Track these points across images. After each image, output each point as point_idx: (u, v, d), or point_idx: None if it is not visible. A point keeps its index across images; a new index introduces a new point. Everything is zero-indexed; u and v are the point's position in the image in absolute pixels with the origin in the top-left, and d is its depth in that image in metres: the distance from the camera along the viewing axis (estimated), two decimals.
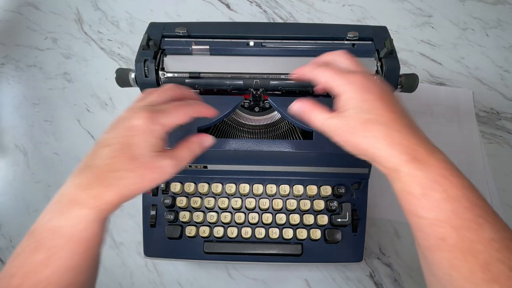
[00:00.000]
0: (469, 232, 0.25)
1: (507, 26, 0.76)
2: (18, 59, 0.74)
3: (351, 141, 0.32)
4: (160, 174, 0.32)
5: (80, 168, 0.32)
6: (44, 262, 0.28)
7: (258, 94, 0.51)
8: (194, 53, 0.53)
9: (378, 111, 0.30)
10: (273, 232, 0.49)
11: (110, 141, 0.32)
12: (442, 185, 0.27)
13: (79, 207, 0.30)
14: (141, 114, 0.32)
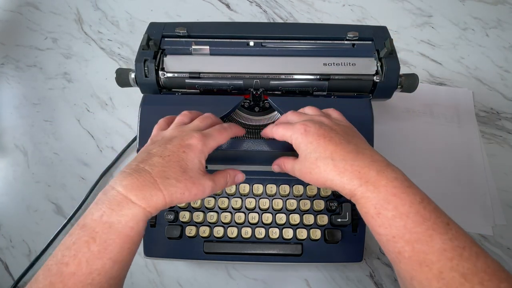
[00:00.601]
0: (422, 245, 0.28)
1: (507, 26, 0.76)
2: (18, 59, 0.74)
3: (312, 178, 0.36)
4: (201, 191, 0.36)
5: (128, 172, 0.34)
6: (97, 254, 0.31)
7: (258, 94, 0.51)
8: (194, 53, 0.53)
9: (321, 148, 0.35)
10: (273, 232, 0.49)
11: (163, 152, 0.35)
12: (392, 204, 0.30)
13: (131, 206, 0.32)
14: (196, 135, 0.37)
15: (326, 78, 0.50)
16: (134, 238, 0.33)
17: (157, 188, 0.33)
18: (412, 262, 0.28)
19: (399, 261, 0.29)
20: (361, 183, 0.32)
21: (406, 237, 0.28)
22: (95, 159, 0.65)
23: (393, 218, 0.29)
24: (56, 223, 0.59)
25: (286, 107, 0.48)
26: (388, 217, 0.30)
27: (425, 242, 0.28)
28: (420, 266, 0.27)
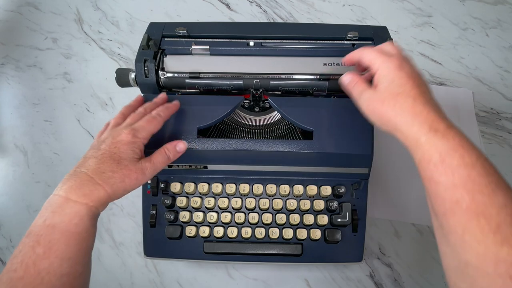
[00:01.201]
0: (483, 196, 0.27)
1: (507, 26, 0.76)
2: (18, 59, 0.74)
3: (379, 111, 0.35)
4: (141, 174, 0.39)
5: (67, 178, 0.37)
6: (43, 255, 0.32)
7: (258, 94, 0.51)
8: (194, 53, 0.53)
9: (407, 87, 0.34)
10: (273, 232, 0.49)
11: (97, 153, 0.38)
12: (459, 153, 0.29)
13: (72, 205, 0.35)
14: (125, 131, 0.40)
15: (326, 78, 0.50)
16: (81, 234, 0.34)
17: (95, 183, 0.36)
18: (469, 213, 0.27)
19: (454, 213, 0.28)
20: (430, 130, 0.31)
21: (468, 186, 0.27)
22: None
23: (457, 166, 0.28)
24: None
25: (286, 107, 0.49)
26: (453, 165, 0.28)
27: (487, 194, 0.27)
28: (477, 218, 0.26)
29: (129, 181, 0.38)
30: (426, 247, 0.58)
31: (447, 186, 0.28)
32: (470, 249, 0.26)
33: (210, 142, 0.48)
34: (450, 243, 0.29)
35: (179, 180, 0.51)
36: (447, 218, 0.28)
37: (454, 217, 0.28)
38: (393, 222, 0.59)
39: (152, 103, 0.46)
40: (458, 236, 0.27)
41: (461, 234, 0.27)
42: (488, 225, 0.26)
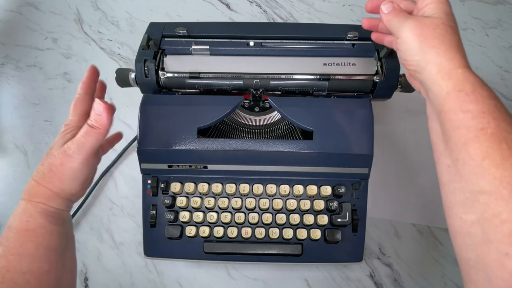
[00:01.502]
0: (507, 125, 0.28)
1: (507, 26, 0.76)
2: (18, 59, 0.74)
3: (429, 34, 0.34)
4: (64, 156, 0.38)
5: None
6: (2, 253, 0.34)
7: (258, 94, 0.51)
8: (194, 53, 0.53)
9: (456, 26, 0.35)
10: (273, 232, 0.49)
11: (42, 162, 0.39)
12: (487, 87, 0.31)
13: (20, 204, 0.38)
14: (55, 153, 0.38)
15: (326, 78, 0.50)
16: (36, 231, 0.36)
17: (35, 182, 0.38)
18: (493, 140, 0.28)
19: (477, 139, 0.28)
20: (461, 66, 0.32)
21: (495, 114, 0.29)
22: None
23: (487, 97, 0.30)
24: None
25: (286, 107, 0.49)
26: (483, 95, 0.30)
27: (509, 122, 0.28)
28: (499, 144, 0.27)
29: (57, 168, 0.37)
30: (426, 247, 0.58)
31: (476, 113, 0.29)
32: (488, 175, 0.27)
33: (210, 142, 0.48)
34: (464, 174, 0.29)
35: (179, 180, 0.51)
36: (467, 147, 0.29)
37: (475, 144, 0.28)
38: (393, 222, 0.59)
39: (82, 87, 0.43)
40: (476, 163, 0.28)
41: (480, 161, 0.28)
42: (509, 150, 0.27)
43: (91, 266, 0.58)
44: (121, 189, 0.63)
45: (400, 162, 0.62)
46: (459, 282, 0.56)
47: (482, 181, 0.27)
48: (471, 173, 0.28)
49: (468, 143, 0.29)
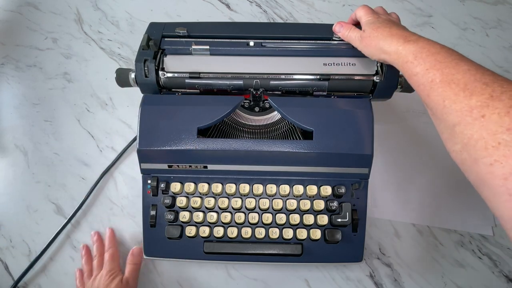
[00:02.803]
0: (450, 69, 0.34)
1: (507, 26, 0.76)
2: (18, 59, 0.74)
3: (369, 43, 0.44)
4: None
5: None
6: None
7: (258, 94, 0.51)
8: (194, 53, 0.53)
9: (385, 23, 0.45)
10: (273, 232, 0.49)
11: None
12: (426, 48, 0.38)
13: None
14: None
15: (326, 78, 0.50)
16: None
17: None
18: (443, 85, 0.34)
19: (433, 89, 0.35)
20: (405, 42, 0.40)
21: (437, 66, 0.35)
22: (95, 159, 0.65)
23: (426, 56, 0.37)
24: (56, 223, 0.59)
25: (286, 107, 0.49)
26: (423, 57, 0.37)
27: (452, 67, 0.34)
28: (449, 85, 0.33)
29: None
30: (426, 247, 0.58)
31: (422, 72, 0.36)
32: (452, 111, 0.32)
33: (210, 142, 0.48)
34: (439, 117, 0.34)
35: (179, 180, 0.51)
36: (431, 97, 0.35)
37: (434, 93, 0.35)
38: (393, 222, 0.59)
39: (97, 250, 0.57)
40: (441, 106, 0.33)
41: (442, 103, 0.33)
42: (458, 87, 0.32)
43: None
44: (121, 189, 0.63)
45: (400, 162, 0.62)
46: (459, 282, 0.56)
47: (450, 117, 0.32)
48: (442, 114, 0.34)
49: (430, 95, 0.35)
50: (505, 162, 0.27)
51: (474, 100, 0.31)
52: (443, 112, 0.33)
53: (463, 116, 0.31)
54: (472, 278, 0.56)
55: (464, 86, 0.32)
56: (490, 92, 0.30)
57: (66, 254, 0.59)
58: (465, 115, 0.31)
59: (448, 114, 0.33)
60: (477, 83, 0.32)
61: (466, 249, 0.57)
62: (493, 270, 0.56)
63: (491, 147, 0.28)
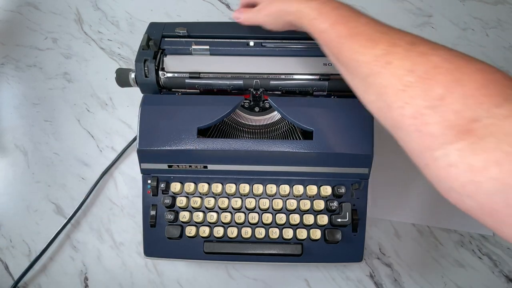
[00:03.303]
0: (353, 22, 0.35)
1: (507, 26, 0.76)
2: (18, 59, 0.74)
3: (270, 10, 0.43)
4: None
5: None
6: None
7: (258, 94, 0.51)
8: (194, 53, 0.53)
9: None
10: (273, 232, 0.49)
11: None
12: (326, 3, 0.37)
13: None
14: None
15: (326, 78, 0.50)
16: None
17: None
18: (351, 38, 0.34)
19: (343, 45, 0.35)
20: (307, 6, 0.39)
21: (342, 20, 0.36)
22: (95, 159, 0.65)
23: (329, 12, 0.37)
24: (56, 223, 0.59)
25: (286, 107, 0.49)
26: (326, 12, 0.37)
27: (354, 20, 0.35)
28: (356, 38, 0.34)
29: None
30: (426, 247, 0.58)
31: (329, 28, 0.36)
32: (362, 63, 0.33)
33: (210, 142, 0.48)
34: (352, 71, 0.35)
35: (179, 180, 0.51)
36: (342, 53, 0.35)
37: (344, 48, 0.35)
38: (393, 222, 0.59)
39: None
40: (352, 60, 0.34)
41: (353, 57, 0.34)
42: (363, 39, 0.33)
43: (91, 266, 0.58)
44: (121, 189, 0.63)
45: (400, 162, 0.62)
46: (459, 282, 0.56)
47: (362, 69, 0.33)
48: (355, 68, 0.34)
49: (341, 50, 0.35)
50: (412, 103, 0.29)
51: (379, 49, 0.32)
52: (356, 66, 0.34)
53: (372, 66, 0.32)
54: (472, 278, 0.56)
55: (368, 37, 0.33)
56: (389, 40, 0.32)
57: (66, 254, 0.59)
58: (374, 65, 0.32)
59: (359, 67, 0.33)
60: (378, 33, 0.33)
61: (466, 249, 0.57)
62: (493, 270, 0.56)
63: (399, 91, 0.30)
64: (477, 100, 0.27)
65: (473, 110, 0.26)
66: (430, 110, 0.28)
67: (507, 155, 0.24)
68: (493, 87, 0.27)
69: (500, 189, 0.24)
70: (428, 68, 0.29)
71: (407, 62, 0.30)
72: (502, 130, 0.25)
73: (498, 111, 0.26)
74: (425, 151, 0.30)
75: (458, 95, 0.27)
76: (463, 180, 0.27)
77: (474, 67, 0.28)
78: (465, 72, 0.28)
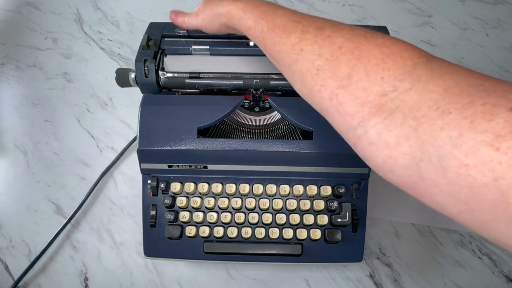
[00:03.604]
0: (271, 16, 0.36)
1: (507, 26, 0.76)
2: (18, 59, 0.74)
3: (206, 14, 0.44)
4: None
5: None
6: None
7: (258, 94, 0.51)
8: (194, 53, 0.53)
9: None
10: (273, 232, 0.49)
11: None
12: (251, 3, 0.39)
13: None
14: None
15: None
16: None
17: None
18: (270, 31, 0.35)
19: (266, 39, 0.36)
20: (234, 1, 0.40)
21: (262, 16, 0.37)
22: (95, 159, 0.65)
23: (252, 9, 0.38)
24: (56, 223, 0.59)
25: (286, 107, 0.49)
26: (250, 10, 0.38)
27: (272, 13, 0.37)
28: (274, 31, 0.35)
29: None
30: (426, 247, 0.58)
31: (254, 25, 0.37)
32: (283, 53, 0.34)
33: (210, 142, 0.48)
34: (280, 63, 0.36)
35: (179, 180, 0.51)
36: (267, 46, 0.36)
37: (267, 41, 0.36)
38: (393, 222, 0.59)
39: None
40: (276, 52, 0.35)
41: (275, 49, 0.35)
42: (280, 30, 0.35)
43: (91, 266, 0.58)
44: (121, 189, 0.63)
45: None
46: (459, 282, 0.56)
47: (284, 59, 0.34)
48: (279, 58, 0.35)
49: (265, 44, 0.37)
50: (326, 85, 0.30)
51: (292, 38, 0.33)
52: (279, 57, 0.35)
53: (290, 54, 0.33)
54: (472, 278, 0.56)
55: (284, 28, 0.34)
56: (301, 28, 0.33)
57: (66, 254, 0.59)
58: (291, 53, 0.33)
59: (282, 57, 0.35)
60: (292, 23, 0.35)
61: (466, 249, 0.57)
62: (493, 270, 0.56)
63: (314, 75, 0.31)
64: (379, 74, 0.27)
65: (379, 85, 0.27)
66: (341, 90, 0.29)
67: (413, 129, 0.24)
68: (391, 61, 0.28)
69: (412, 163, 0.25)
70: (333, 50, 0.30)
71: (316, 46, 0.31)
72: (406, 104, 0.26)
73: (400, 84, 0.26)
74: (349, 130, 0.31)
75: (362, 72, 0.28)
76: (383, 157, 0.27)
77: (373, 42, 0.29)
78: (364, 50, 0.29)
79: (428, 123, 0.24)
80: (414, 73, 0.27)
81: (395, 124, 0.26)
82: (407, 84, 0.26)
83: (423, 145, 0.24)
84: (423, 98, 0.25)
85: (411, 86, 0.26)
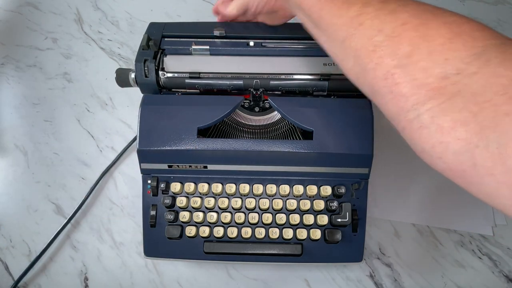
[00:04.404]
0: None
1: (507, 26, 0.76)
2: (18, 59, 0.74)
3: None
4: None
5: None
6: None
7: (258, 94, 0.51)
8: (194, 53, 0.53)
9: None
10: (273, 232, 0.49)
11: None
12: None
13: None
14: None
15: (326, 78, 0.50)
16: None
17: None
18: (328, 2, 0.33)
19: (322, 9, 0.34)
20: None
21: None
22: (95, 159, 0.65)
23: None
24: (56, 223, 0.59)
25: (286, 107, 0.49)
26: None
27: None
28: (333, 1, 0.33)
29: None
30: (426, 247, 0.58)
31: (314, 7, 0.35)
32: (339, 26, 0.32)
33: (210, 142, 0.48)
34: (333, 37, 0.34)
35: (179, 180, 0.51)
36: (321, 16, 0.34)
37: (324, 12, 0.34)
38: (393, 222, 0.59)
39: None
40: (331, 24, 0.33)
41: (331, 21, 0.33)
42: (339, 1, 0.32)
43: (91, 266, 0.58)
44: (121, 189, 0.63)
45: (400, 162, 0.62)
46: (459, 282, 0.56)
47: (339, 32, 0.32)
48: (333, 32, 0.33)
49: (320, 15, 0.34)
50: (382, 63, 0.28)
51: (352, 11, 0.31)
52: (334, 30, 0.33)
53: (347, 28, 0.31)
54: (472, 278, 0.56)
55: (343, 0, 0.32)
56: (363, 0, 0.31)
57: (66, 254, 0.59)
58: (349, 27, 0.31)
59: (337, 30, 0.33)
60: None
61: (466, 249, 0.57)
62: (493, 270, 0.56)
63: (370, 52, 0.29)
64: (444, 55, 0.26)
65: (441, 67, 0.25)
66: (399, 69, 0.27)
67: (473, 115, 0.23)
68: (460, 41, 0.26)
69: (466, 149, 0.24)
70: (396, 25, 0.28)
71: (377, 21, 0.29)
72: (470, 88, 0.24)
73: (466, 67, 0.25)
74: (400, 113, 0.28)
75: (425, 51, 0.26)
76: (433, 141, 0.26)
77: (441, 20, 0.27)
78: (432, 27, 0.27)
79: (492, 108, 0.22)
80: (483, 56, 0.24)
81: (453, 109, 0.24)
82: (473, 67, 0.24)
83: (481, 130, 0.22)
84: (490, 83, 0.23)
85: (477, 70, 0.24)
